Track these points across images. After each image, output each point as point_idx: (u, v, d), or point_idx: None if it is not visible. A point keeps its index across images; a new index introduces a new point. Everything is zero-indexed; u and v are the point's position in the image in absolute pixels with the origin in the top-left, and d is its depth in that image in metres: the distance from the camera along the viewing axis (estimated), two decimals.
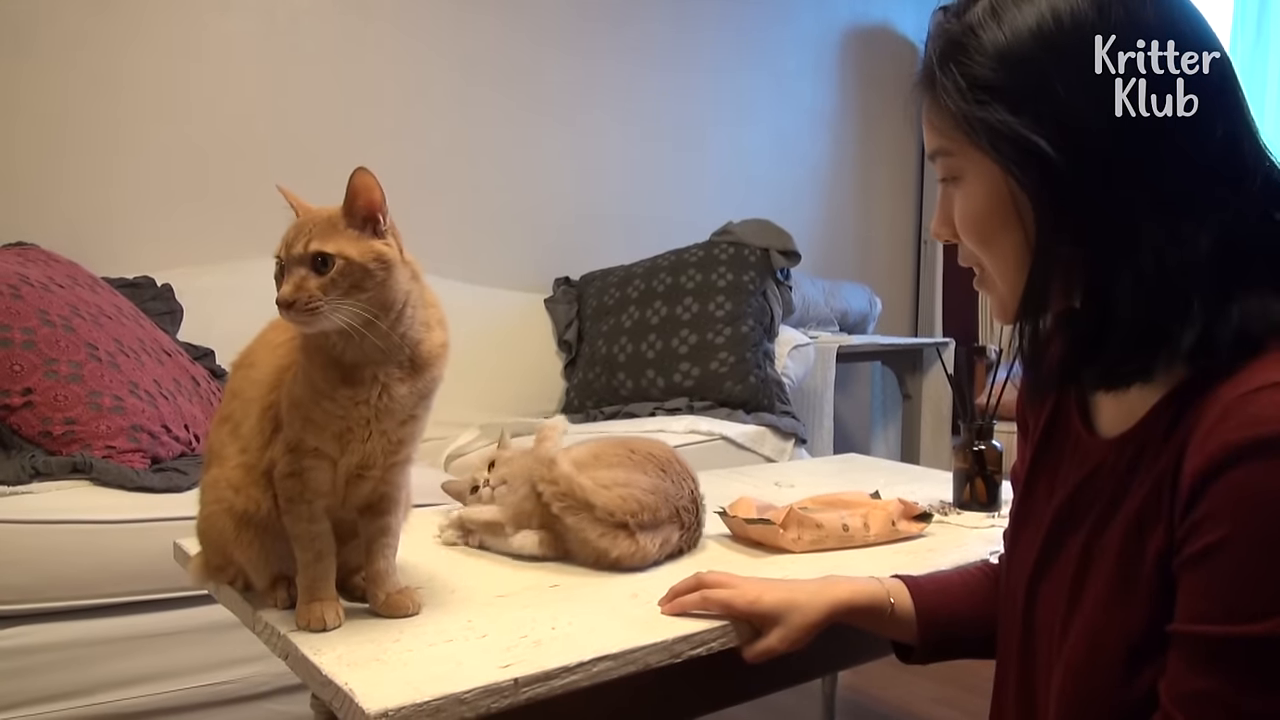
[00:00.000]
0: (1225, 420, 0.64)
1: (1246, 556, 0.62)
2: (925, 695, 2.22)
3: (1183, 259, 0.67)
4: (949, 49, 0.73)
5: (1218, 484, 0.63)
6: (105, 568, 1.57)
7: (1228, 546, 0.62)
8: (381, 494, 0.99)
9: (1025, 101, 0.69)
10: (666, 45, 3.62)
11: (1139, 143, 0.68)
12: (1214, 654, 0.64)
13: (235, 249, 2.60)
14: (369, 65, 2.97)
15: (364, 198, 0.89)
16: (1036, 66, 0.69)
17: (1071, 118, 0.68)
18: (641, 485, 1.17)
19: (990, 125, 0.70)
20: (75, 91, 2.50)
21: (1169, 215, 0.68)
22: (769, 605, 0.95)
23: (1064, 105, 0.68)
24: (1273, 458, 0.61)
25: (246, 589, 1.04)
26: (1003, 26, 0.70)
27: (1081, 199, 0.69)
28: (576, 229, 3.41)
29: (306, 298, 0.86)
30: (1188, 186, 0.68)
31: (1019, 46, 0.69)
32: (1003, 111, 0.69)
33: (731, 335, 2.75)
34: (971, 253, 0.79)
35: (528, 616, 0.96)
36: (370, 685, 0.79)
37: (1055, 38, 0.68)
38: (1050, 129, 0.68)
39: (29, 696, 1.52)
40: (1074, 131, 0.68)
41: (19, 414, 1.77)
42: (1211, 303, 0.67)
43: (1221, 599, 0.63)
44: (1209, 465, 0.63)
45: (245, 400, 1.00)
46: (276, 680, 1.68)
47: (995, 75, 0.70)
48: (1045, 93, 0.69)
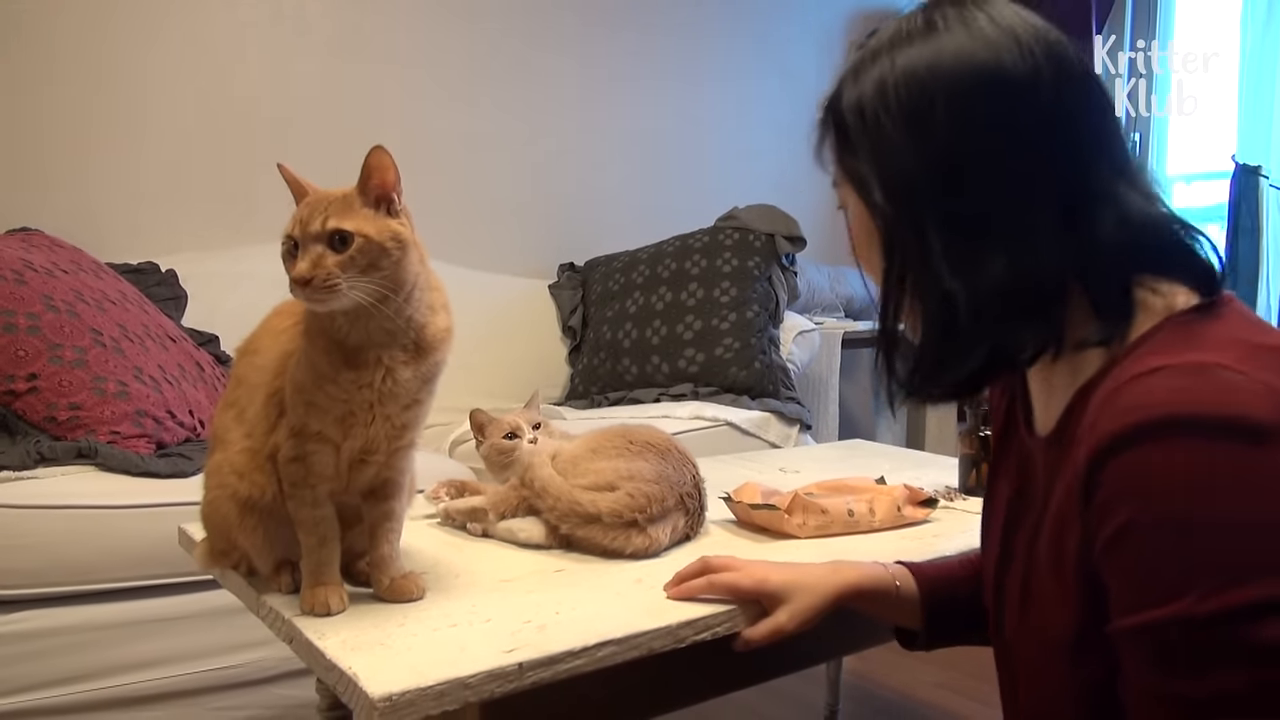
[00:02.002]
0: (1103, 412, 0.66)
1: (1143, 542, 0.63)
2: (929, 680, 2.22)
3: (980, 294, 0.73)
4: (832, 95, 0.82)
5: (1105, 473, 0.65)
6: (110, 553, 1.58)
7: (1125, 535, 0.64)
8: (385, 479, 0.99)
9: (865, 148, 0.78)
10: (671, 30, 3.60)
11: (950, 186, 0.75)
12: (1140, 645, 0.64)
13: (240, 235, 2.60)
14: (373, 52, 2.96)
15: (379, 176, 0.89)
16: (873, 119, 0.77)
17: (897, 164, 0.76)
18: (645, 476, 1.16)
19: (849, 166, 0.80)
20: (79, 78, 2.50)
21: (980, 250, 0.74)
22: (777, 584, 0.96)
23: (891, 153, 0.76)
24: (1148, 441, 0.62)
25: (251, 574, 1.04)
26: (857, 84, 0.78)
27: (906, 235, 0.77)
28: (581, 214, 3.40)
29: (325, 275, 0.85)
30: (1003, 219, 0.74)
31: (863, 101, 0.77)
32: (852, 155, 0.79)
33: (737, 321, 2.74)
34: None
35: (532, 601, 0.96)
36: (374, 670, 0.79)
37: (884, 98, 0.76)
38: (882, 174, 0.77)
39: (35, 681, 1.52)
40: (898, 175, 0.76)
41: (24, 399, 1.77)
42: (1003, 328, 0.74)
43: (1134, 588, 0.64)
44: (1095, 456, 0.65)
45: (250, 386, 1.00)
46: (282, 665, 1.69)
47: (851, 123, 0.78)
48: (875, 141, 0.77)
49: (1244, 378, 0.62)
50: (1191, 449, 0.61)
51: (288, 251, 0.89)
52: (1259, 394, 0.61)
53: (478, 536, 1.22)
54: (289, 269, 0.87)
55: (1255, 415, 0.61)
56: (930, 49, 0.75)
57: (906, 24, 0.78)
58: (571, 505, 1.13)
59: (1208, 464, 0.61)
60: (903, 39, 0.77)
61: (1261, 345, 0.66)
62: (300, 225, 0.87)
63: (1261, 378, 0.62)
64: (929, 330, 0.77)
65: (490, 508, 1.20)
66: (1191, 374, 0.63)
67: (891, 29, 0.79)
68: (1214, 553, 0.60)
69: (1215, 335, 0.68)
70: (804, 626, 0.95)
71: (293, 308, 0.99)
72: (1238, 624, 0.59)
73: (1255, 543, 0.60)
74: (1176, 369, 0.64)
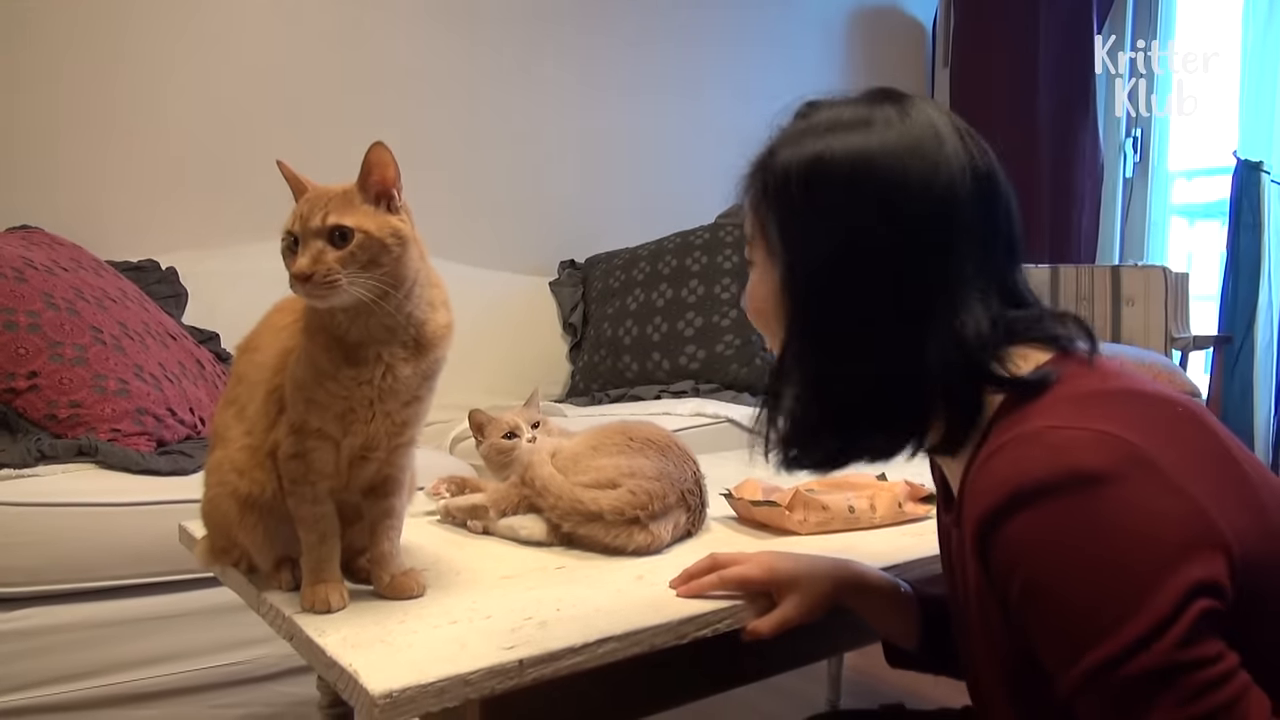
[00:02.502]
0: (967, 500, 0.72)
1: (1035, 608, 0.67)
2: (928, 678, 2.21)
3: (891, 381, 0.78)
4: (763, 158, 0.84)
5: (988, 554, 0.70)
6: (111, 550, 1.58)
7: (1022, 606, 0.68)
8: (385, 476, 0.99)
9: (784, 221, 0.81)
10: (673, 26, 3.60)
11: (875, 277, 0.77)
12: (1079, 696, 0.66)
13: (240, 232, 2.59)
14: (373, 48, 2.96)
15: (379, 173, 0.89)
16: (797, 196, 0.79)
17: (811, 240, 0.79)
18: (646, 473, 1.16)
19: (764, 230, 0.83)
20: (79, 76, 2.50)
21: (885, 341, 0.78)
22: (786, 573, 0.96)
23: (808, 228, 0.79)
24: (1005, 519, 0.67)
25: (251, 571, 1.04)
26: (789, 154, 0.80)
27: (811, 315, 0.80)
28: (582, 212, 3.40)
29: (325, 270, 0.85)
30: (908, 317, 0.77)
31: (791, 174, 0.80)
32: (774, 221, 0.81)
33: (737, 318, 2.74)
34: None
35: (533, 598, 0.96)
36: (375, 667, 0.79)
37: (810, 175, 0.79)
38: (795, 245, 0.80)
39: (36, 678, 1.52)
40: (807, 251, 0.79)
41: (24, 397, 1.77)
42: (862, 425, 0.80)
43: (1048, 650, 0.68)
44: (975, 541, 0.71)
45: (250, 383, 0.99)
46: (283, 662, 1.69)
47: (776, 191, 0.81)
48: (797, 218, 0.80)
49: (1071, 432, 0.67)
50: (1043, 514, 0.66)
51: (287, 248, 0.88)
52: (1087, 442, 0.66)
53: (478, 534, 1.22)
54: (289, 265, 0.87)
55: (1087, 463, 0.65)
56: (863, 140, 0.78)
57: (849, 111, 0.81)
58: (573, 504, 1.13)
59: (1059, 523, 0.65)
60: (842, 125, 0.79)
61: (1090, 394, 0.72)
62: (300, 221, 0.87)
63: (1089, 425, 0.67)
64: (801, 405, 0.81)
65: (491, 505, 1.20)
66: (1025, 444, 0.68)
67: (832, 112, 0.82)
68: (1095, 597, 0.64)
69: (1047, 400, 0.73)
70: (810, 617, 0.95)
71: (293, 304, 0.99)
72: (1142, 652, 0.62)
73: (1123, 575, 0.63)
74: (1012, 443, 0.69)
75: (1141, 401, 0.73)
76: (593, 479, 1.16)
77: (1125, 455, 0.65)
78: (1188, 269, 3.46)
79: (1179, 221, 3.92)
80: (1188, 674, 0.62)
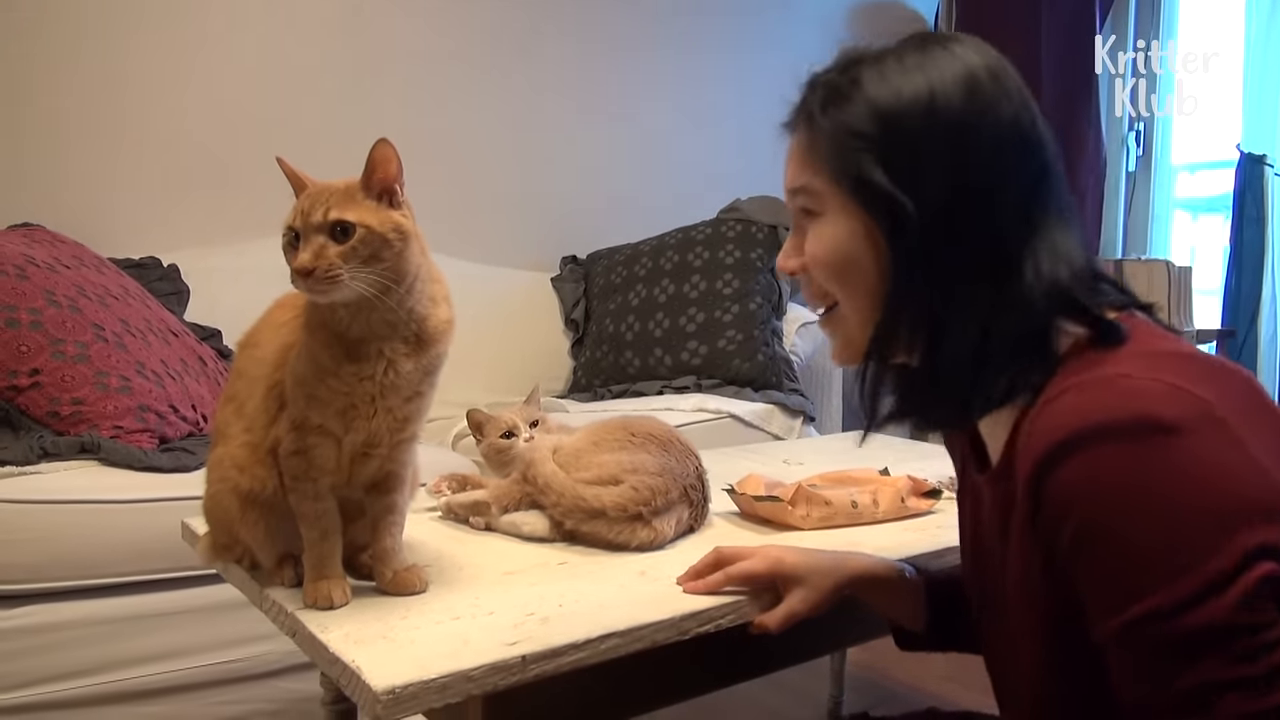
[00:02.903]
0: (1028, 439, 0.70)
1: (1091, 552, 0.66)
2: (935, 673, 2.22)
3: (1002, 324, 0.75)
4: (832, 95, 0.80)
5: (1042, 496, 0.68)
6: (114, 547, 1.58)
7: (1075, 550, 0.67)
8: (387, 472, 0.99)
9: (894, 158, 0.76)
10: (673, 21, 3.59)
11: (982, 209, 0.75)
12: (1120, 646, 0.65)
13: (241, 229, 2.59)
14: (373, 45, 2.95)
15: (382, 169, 0.89)
16: (908, 131, 0.76)
17: (932, 183, 0.75)
18: (649, 468, 1.16)
19: (859, 172, 0.77)
20: (81, 74, 2.49)
21: (995, 279, 0.75)
22: (792, 567, 0.96)
23: (926, 170, 0.75)
24: (1069, 456, 0.66)
25: (254, 568, 1.04)
26: (887, 88, 0.76)
27: (929, 257, 0.76)
28: (583, 207, 3.39)
29: (326, 265, 0.85)
30: (1012, 251, 0.75)
31: (898, 109, 0.76)
32: (872, 162, 0.76)
33: (739, 313, 2.74)
34: (820, 289, 0.84)
35: (535, 594, 0.96)
36: (378, 663, 0.79)
37: (931, 111, 0.75)
38: (911, 188, 0.75)
39: (39, 676, 1.53)
40: (932, 195, 0.75)
41: (27, 394, 1.77)
42: (1020, 354, 0.75)
43: (1096, 596, 0.67)
44: (1029, 482, 0.69)
45: (250, 380, 0.99)
46: (286, 658, 1.69)
47: (871, 128, 0.76)
48: (911, 155, 0.76)
49: (1145, 381, 0.66)
50: (1108, 455, 0.64)
51: (289, 243, 0.88)
52: (1161, 393, 0.65)
53: (480, 531, 1.22)
54: (290, 260, 0.87)
55: (1159, 412, 0.64)
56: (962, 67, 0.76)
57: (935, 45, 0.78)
58: (576, 501, 1.13)
59: (1125, 466, 0.64)
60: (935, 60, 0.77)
61: (1162, 352, 0.71)
62: (302, 216, 0.87)
63: (1162, 378, 0.66)
64: (943, 357, 0.77)
65: (493, 501, 1.20)
66: (1097, 387, 0.67)
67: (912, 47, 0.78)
68: (1153, 547, 0.63)
69: (1118, 353, 0.72)
70: (817, 610, 0.95)
71: (294, 300, 0.99)
72: (1197, 607, 0.61)
73: (1185, 528, 0.62)
74: (1083, 385, 0.68)
75: (1210, 365, 0.72)
76: (595, 475, 1.16)
77: (1199, 411, 0.64)
78: (1191, 263, 3.46)
79: (1182, 215, 3.91)
80: (1243, 636, 0.61)
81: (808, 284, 0.85)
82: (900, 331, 0.79)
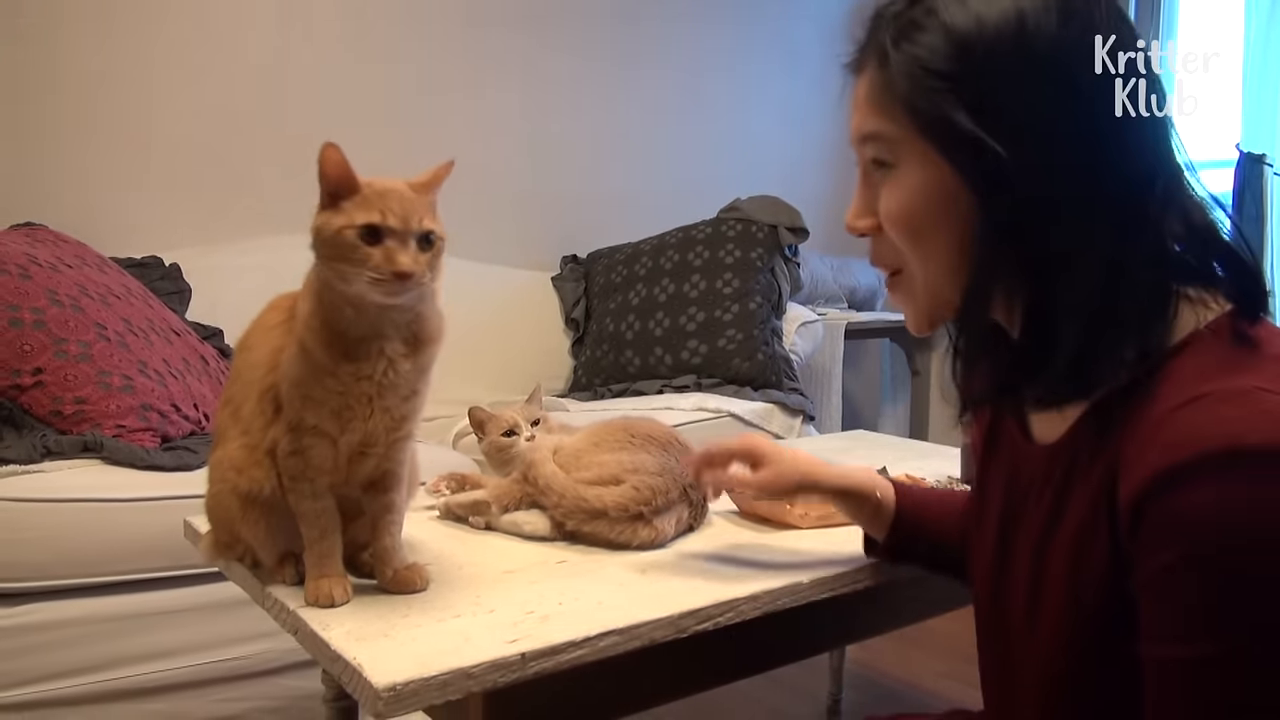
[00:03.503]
0: (1151, 443, 0.62)
1: (1184, 580, 0.60)
2: (932, 670, 2.23)
3: (1127, 276, 0.66)
4: (906, 28, 0.69)
5: (1154, 510, 0.61)
6: (117, 545, 1.59)
7: (1169, 572, 0.61)
8: (384, 471, 0.99)
9: (983, 96, 0.66)
10: (674, 20, 3.59)
11: (1094, 149, 0.66)
12: (1165, 675, 0.63)
13: (243, 229, 2.60)
14: (376, 44, 2.96)
15: (440, 184, 0.96)
16: (998, 62, 0.66)
17: (1030, 120, 0.66)
18: (649, 468, 1.17)
19: (942, 115, 0.67)
20: (83, 73, 2.50)
21: (1115, 227, 0.66)
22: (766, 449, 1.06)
23: (1023, 106, 0.66)
24: (1194, 479, 0.59)
25: (255, 566, 1.04)
26: (968, 14, 0.67)
27: (1030, 206, 0.66)
28: (584, 206, 3.40)
29: (421, 272, 0.89)
30: (1134, 193, 0.67)
31: (982, 38, 0.66)
32: (956, 103, 0.67)
33: (739, 312, 2.74)
34: (890, 251, 0.76)
35: (535, 592, 0.97)
36: (378, 660, 0.79)
37: (1019, 36, 0.66)
38: (1006, 129, 0.66)
39: (42, 673, 1.53)
40: (1031, 135, 0.66)
41: (30, 393, 1.78)
42: (1149, 320, 0.67)
43: (1167, 620, 0.62)
44: (1141, 492, 0.62)
45: (244, 383, 1.00)
46: (288, 656, 1.70)
47: (953, 64, 0.67)
48: (1005, 91, 0.66)
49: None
50: (1238, 486, 0.57)
51: (360, 237, 0.87)
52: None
53: (480, 530, 1.22)
54: (367, 257, 0.86)
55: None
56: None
57: None
58: (577, 501, 1.13)
59: (1256, 502, 0.57)
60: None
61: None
62: (402, 220, 0.89)
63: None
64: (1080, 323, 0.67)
65: (494, 500, 1.20)
66: (1233, 401, 0.60)
67: None
68: (1258, 596, 0.58)
69: (1254, 355, 0.64)
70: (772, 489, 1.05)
71: (284, 303, 0.99)
72: (1265, 670, 0.58)
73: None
74: (1216, 396, 0.60)
75: None
76: (595, 475, 1.16)
77: None
78: None
79: None
80: None
81: (879, 246, 0.77)
82: (994, 293, 0.71)
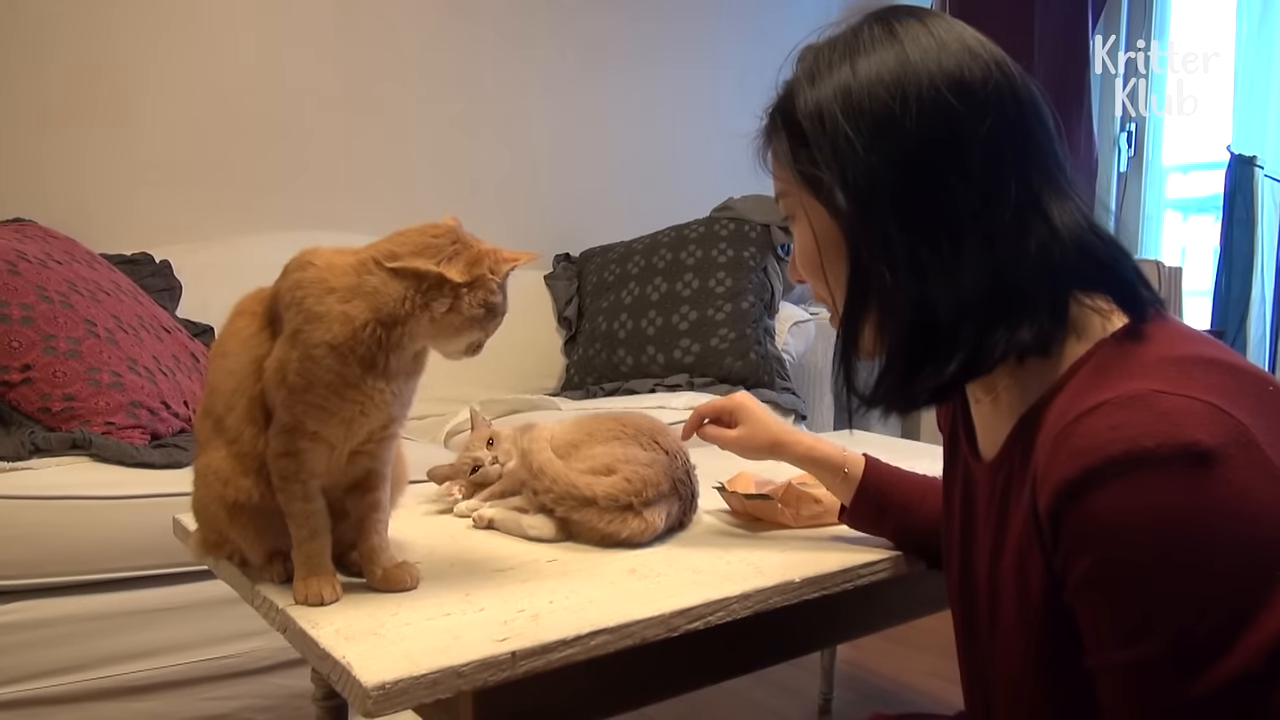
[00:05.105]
0: (1057, 455, 0.65)
1: (1106, 585, 0.63)
2: (921, 669, 2.23)
3: (955, 297, 0.73)
4: (781, 101, 0.83)
5: (1067, 520, 0.65)
6: (105, 543, 1.58)
7: (1091, 579, 0.64)
8: (369, 470, 0.99)
9: (827, 153, 0.77)
10: (666, 17, 3.59)
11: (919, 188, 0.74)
12: (1111, 681, 0.65)
13: (233, 226, 2.59)
14: (367, 40, 2.95)
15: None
16: (835, 124, 0.76)
17: (861, 168, 0.75)
18: (640, 460, 1.17)
19: (807, 173, 0.79)
20: (73, 68, 2.49)
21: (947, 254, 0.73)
22: (746, 408, 1.20)
23: (856, 157, 0.75)
24: (1100, 485, 0.62)
25: (244, 564, 1.04)
26: (815, 88, 0.78)
27: (874, 241, 0.75)
28: (576, 205, 3.40)
29: None
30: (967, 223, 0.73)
31: (823, 105, 0.77)
32: (810, 161, 0.78)
33: (732, 311, 2.74)
34: (815, 291, 0.86)
35: (526, 590, 0.97)
36: (368, 658, 0.79)
37: (849, 102, 0.76)
38: (847, 178, 0.75)
39: (30, 671, 1.52)
40: (865, 179, 0.75)
41: (18, 390, 1.77)
42: (976, 332, 0.74)
43: (1100, 628, 0.65)
44: (1054, 503, 0.65)
45: (224, 394, 0.97)
46: (278, 655, 1.69)
47: (810, 129, 0.78)
48: (839, 146, 0.76)
49: (1182, 400, 0.62)
50: (1141, 487, 0.61)
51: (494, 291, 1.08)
52: (1198, 415, 0.61)
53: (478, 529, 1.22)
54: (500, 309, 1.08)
55: (1198, 439, 0.60)
56: (896, 54, 0.76)
57: (865, 32, 0.79)
58: (568, 488, 1.13)
59: (1159, 501, 0.60)
60: (864, 46, 0.77)
61: (1192, 358, 0.67)
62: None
63: (1199, 396, 0.62)
64: (900, 339, 0.77)
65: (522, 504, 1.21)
66: (1129, 406, 0.63)
67: (845, 37, 0.80)
68: (1173, 593, 0.61)
69: (1147, 357, 0.68)
70: (741, 446, 1.19)
71: (252, 307, 0.98)
72: (1201, 661, 0.60)
73: (1212, 578, 0.60)
74: (1115, 403, 0.63)
75: (1241, 375, 0.67)
76: (588, 465, 1.17)
77: (1235, 435, 0.60)
78: (1181, 263, 3.47)
79: (1173, 216, 3.93)
80: (1257, 688, 0.59)
81: (814, 287, 0.86)
82: (862, 319, 0.79)
